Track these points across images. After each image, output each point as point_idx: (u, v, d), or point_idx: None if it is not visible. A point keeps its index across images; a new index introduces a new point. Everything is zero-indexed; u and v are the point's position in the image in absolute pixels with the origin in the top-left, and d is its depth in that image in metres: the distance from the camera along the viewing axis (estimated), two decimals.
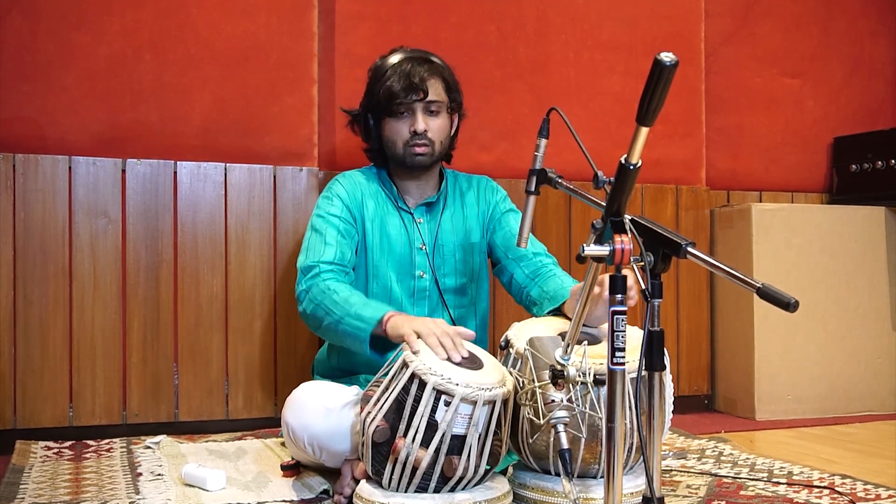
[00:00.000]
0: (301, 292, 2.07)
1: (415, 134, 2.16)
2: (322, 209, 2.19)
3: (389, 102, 2.15)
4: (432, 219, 2.27)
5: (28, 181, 2.54)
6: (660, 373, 1.41)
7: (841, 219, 3.19)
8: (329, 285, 2.03)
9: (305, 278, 2.07)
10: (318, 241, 2.13)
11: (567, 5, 3.12)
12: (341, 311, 1.96)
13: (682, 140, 3.27)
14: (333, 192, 2.22)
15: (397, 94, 2.13)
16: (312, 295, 2.03)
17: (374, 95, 2.19)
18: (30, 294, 2.53)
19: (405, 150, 2.17)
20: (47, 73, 2.56)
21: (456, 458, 1.68)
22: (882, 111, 3.64)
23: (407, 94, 2.14)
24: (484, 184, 2.37)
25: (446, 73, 2.22)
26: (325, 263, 2.08)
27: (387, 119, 2.18)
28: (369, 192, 2.24)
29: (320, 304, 2.00)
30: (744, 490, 2.02)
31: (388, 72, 2.16)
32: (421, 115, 2.16)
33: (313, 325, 2.06)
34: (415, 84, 2.13)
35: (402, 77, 2.14)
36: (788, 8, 3.49)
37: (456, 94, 2.24)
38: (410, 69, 2.14)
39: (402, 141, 2.17)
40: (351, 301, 1.97)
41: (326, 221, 2.16)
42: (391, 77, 2.14)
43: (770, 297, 1.31)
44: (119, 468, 2.20)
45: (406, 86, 2.13)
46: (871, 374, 3.20)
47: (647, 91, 1.26)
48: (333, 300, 1.99)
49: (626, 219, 1.39)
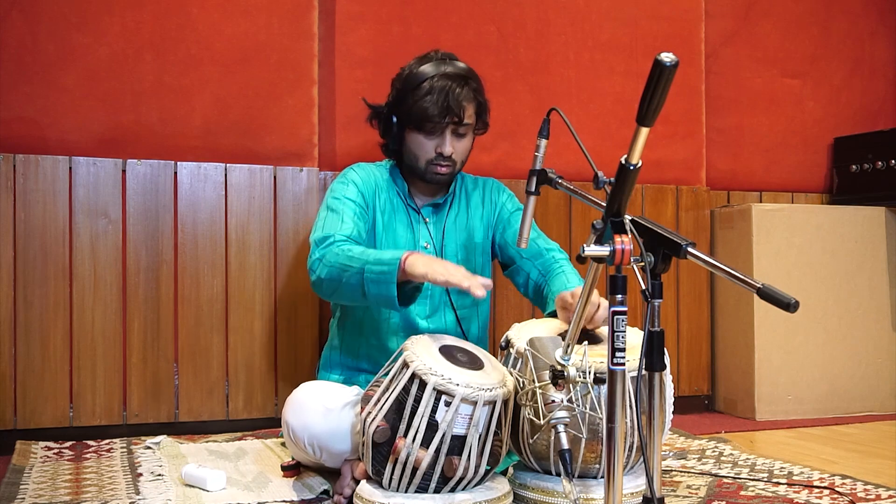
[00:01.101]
0: (314, 261, 2.00)
1: (440, 155, 2.14)
2: (338, 192, 2.16)
3: (422, 121, 2.10)
4: (439, 219, 2.27)
5: (28, 181, 2.54)
6: (660, 373, 1.41)
7: (841, 219, 3.20)
8: (343, 246, 1.98)
9: (319, 248, 2.01)
10: (334, 219, 2.08)
11: (567, 6, 3.12)
12: (360, 262, 1.90)
13: (683, 140, 3.27)
14: (349, 178, 2.20)
15: (432, 117, 2.09)
16: (327, 260, 1.97)
17: (405, 105, 2.13)
18: (30, 294, 2.53)
19: (427, 167, 2.15)
20: (48, 74, 2.57)
21: (456, 458, 1.68)
22: (882, 111, 3.64)
23: (443, 117, 2.09)
24: (490, 185, 2.36)
25: (480, 95, 2.18)
26: (342, 235, 2.03)
27: (414, 131, 2.14)
28: (382, 186, 2.23)
29: (336, 265, 1.94)
30: (744, 490, 2.02)
31: (425, 85, 2.09)
32: (449, 138, 2.13)
33: (330, 288, 1.98)
34: (452, 108, 2.08)
35: (441, 97, 2.07)
36: (788, 8, 3.49)
37: (485, 115, 2.21)
38: (449, 90, 2.08)
39: (426, 159, 2.15)
40: (368, 252, 1.93)
41: (343, 202, 2.13)
42: (428, 94, 2.08)
43: (770, 297, 1.31)
44: (119, 468, 2.20)
45: (443, 109, 2.08)
46: (871, 374, 3.21)
47: (648, 91, 1.26)
48: (350, 255, 1.93)
49: (627, 219, 1.39)
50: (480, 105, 2.18)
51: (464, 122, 2.13)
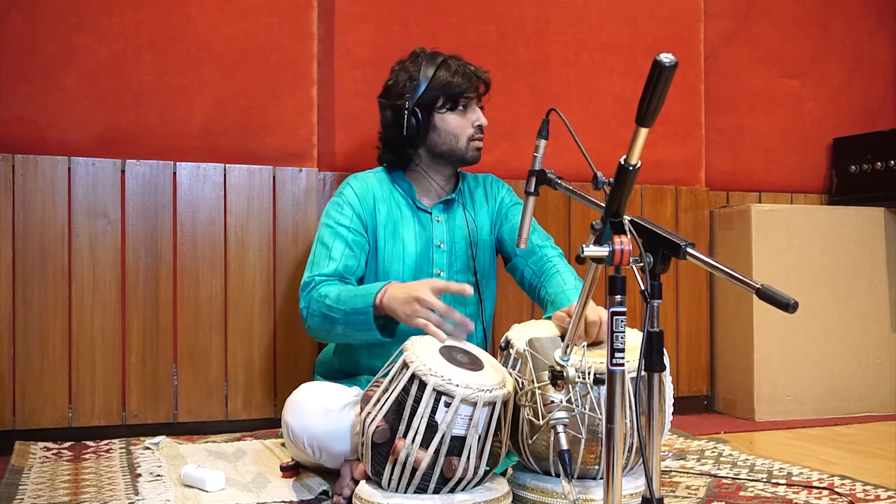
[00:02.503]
0: (303, 309, 2.07)
1: (479, 128, 2.21)
2: (332, 218, 2.18)
3: (457, 97, 2.17)
4: (450, 217, 2.27)
5: (28, 182, 2.54)
6: (659, 374, 1.41)
7: (841, 219, 3.20)
8: (321, 292, 2.03)
9: (304, 295, 2.08)
10: (322, 256, 2.13)
11: (567, 6, 3.12)
12: (339, 313, 1.97)
13: (682, 141, 3.27)
14: (344, 198, 2.20)
15: (466, 90, 2.17)
16: (312, 309, 2.04)
17: (429, 91, 2.16)
18: (29, 295, 2.53)
19: (468, 144, 2.21)
20: (47, 74, 2.56)
21: (456, 458, 1.68)
22: (882, 112, 3.64)
23: (474, 86, 2.19)
24: (489, 181, 2.38)
25: None
26: (321, 276, 2.08)
27: (446, 114, 2.19)
28: (382, 196, 2.23)
29: (319, 314, 2.02)
30: (743, 491, 2.02)
31: (442, 69, 2.17)
32: (479, 110, 2.22)
33: (324, 336, 2.08)
34: (477, 76, 2.20)
35: (462, 71, 2.17)
36: (788, 8, 3.49)
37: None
38: (463, 64, 2.19)
39: (467, 136, 2.20)
40: (342, 298, 1.98)
41: (335, 233, 2.15)
42: (453, 74, 2.16)
43: (769, 297, 1.31)
44: (118, 469, 2.20)
45: (470, 80, 2.18)
46: (871, 374, 3.21)
47: (647, 92, 1.26)
48: (328, 305, 1.99)
49: (626, 219, 1.39)
50: None
51: (483, 93, 2.23)
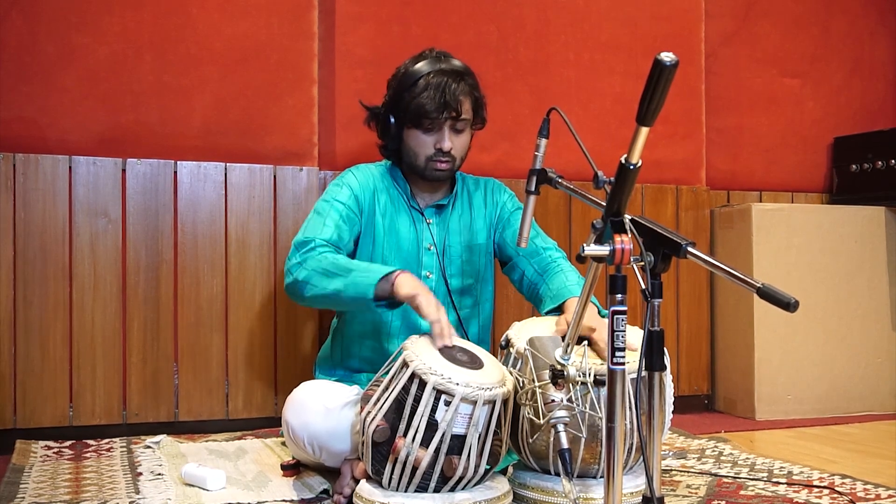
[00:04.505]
0: (294, 265, 2.03)
1: (439, 151, 2.14)
2: (329, 194, 2.19)
3: (420, 118, 2.11)
4: (442, 220, 2.27)
5: (28, 181, 2.54)
6: (660, 373, 1.41)
7: (841, 219, 3.20)
8: (328, 256, 2.02)
9: (300, 252, 2.04)
10: (317, 222, 2.12)
11: (567, 6, 3.12)
12: (344, 272, 1.95)
13: (682, 140, 3.27)
14: (345, 181, 2.22)
15: (429, 112, 2.10)
16: (308, 264, 2.00)
17: (401, 103, 2.14)
18: (30, 294, 2.53)
19: (427, 163, 2.16)
20: (47, 74, 2.57)
21: (456, 457, 1.68)
22: (882, 111, 3.64)
23: (440, 112, 2.10)
24: (491, 185, 2.37)
25: (477, 91, 2.18)
26: (322, 240, 2.06)
27: (412, 129, 2.15)
28: (383, 187, 2.24)
29: (318, 270, 1.98)
30: (744, 490, 2.02)
31: (421, 82, 2.10)
32: (448, 133, 2.13)
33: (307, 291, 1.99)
34: (449, 103, 2.09)
35: (437, 93, 2.08)
36: (788, 8, 3.49)
37: (481, 110, 2.22)
38: (445, 86, 2.09)
39: (426, 155, 2.15)
40: (354, 263, 1.99)
41: (330, 205, 2.15)
42: (424, 91, 2.09)
43: (770, 297, 1.31)
44: (119, 468, 2.20)
45: (440, 104, 2.09)
46: (871, 374, 3.21)
47: (647, 91, 1.26)
48: (335, 264, 1.98)
49: (626, 219, 1.39)
50: (477, 100, 2.19)
51: (461, 118, 2.14)
